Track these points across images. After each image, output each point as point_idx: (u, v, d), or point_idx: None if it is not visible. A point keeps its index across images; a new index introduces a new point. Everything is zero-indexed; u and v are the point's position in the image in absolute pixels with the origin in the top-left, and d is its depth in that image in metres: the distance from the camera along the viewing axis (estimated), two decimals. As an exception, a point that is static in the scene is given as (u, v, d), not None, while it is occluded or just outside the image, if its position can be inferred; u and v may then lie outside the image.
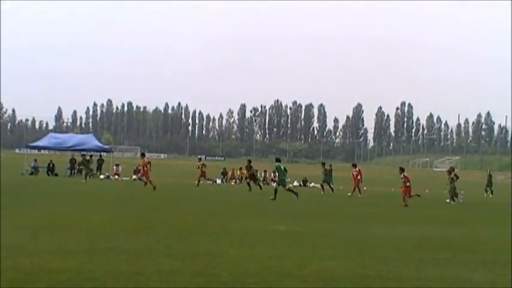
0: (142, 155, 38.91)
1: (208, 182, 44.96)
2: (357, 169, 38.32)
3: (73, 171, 53.60)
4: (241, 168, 58.81)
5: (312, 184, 52.01)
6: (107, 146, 64.92)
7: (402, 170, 31.13)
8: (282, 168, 30.37)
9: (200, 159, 47.94)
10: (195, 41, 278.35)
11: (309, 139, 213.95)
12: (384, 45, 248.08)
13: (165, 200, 26.72)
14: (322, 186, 40.06)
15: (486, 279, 9.53)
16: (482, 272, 10.15)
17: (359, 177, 37.66)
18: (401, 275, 9.58)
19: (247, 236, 13.93)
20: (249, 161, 42.08)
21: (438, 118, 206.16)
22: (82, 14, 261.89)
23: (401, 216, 22.52)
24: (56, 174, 53.55)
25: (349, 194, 36.34)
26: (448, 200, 32.30)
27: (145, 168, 34.79)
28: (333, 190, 38.69)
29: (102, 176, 51.93)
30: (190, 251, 11.10)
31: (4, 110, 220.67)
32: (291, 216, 20.39)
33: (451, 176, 33.33)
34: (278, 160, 31.85)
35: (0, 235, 11.88)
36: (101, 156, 55.41)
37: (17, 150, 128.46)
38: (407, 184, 29.45)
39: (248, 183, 39.00)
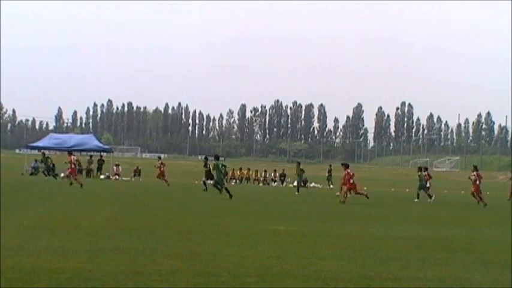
0: (70, 153, 38.59)
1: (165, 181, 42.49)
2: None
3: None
4: (241, 169, 58.88)
5: (313, 184, 51.99)
6: (107, 146, 64.91)
7: (346, 166, 31.05)
8: (221, 166, 30.29)
9: (160, 158, 47.15)
10: (196, 41, 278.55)
11: (309, 139, 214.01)
12: (384, 45, 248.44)
13: (165, 200, 26.70)
14: (298, 187, 39.22)
15: (486, 279, 9.53)
16: (482, 272, 10.15)
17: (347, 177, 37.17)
18: (401, 275, 9.58)
19: (247, 236, 13.94)
20: (206, 159, 39.82)
21: (438, 118, 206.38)
22: (82, 14, 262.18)
23: (401, 216, 22.50)
24: (57, 175, 53.48)
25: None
26: (416, 200, 31.96)
27: (73, 166, 35.53)
28: (298, 190, 37.98)
29: (102, 176, 51.98)
30: (190, 251, 11.11)
31: (4, 110, 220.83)
32: (291, 216, 20.37)
33: (423, 174, 33.22)
34: (217, 158, 31.02)
35: (0, 235, 11.88)
36: (101, 156, 55.44)
37: (17, 151, 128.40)
38: (351, 181, 29.58)
39: (204, 183, 36.37)
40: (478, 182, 31.39)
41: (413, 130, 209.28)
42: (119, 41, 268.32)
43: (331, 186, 49.73)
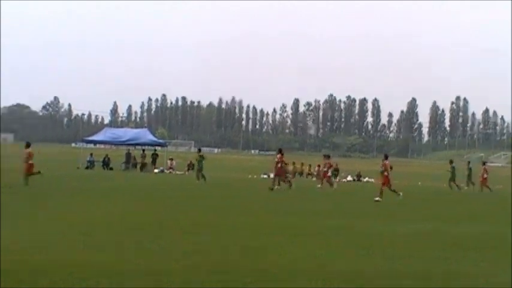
0: None
1: None
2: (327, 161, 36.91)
3: (128, 166, 54.02)
4: (294, 163, 58.52)
5: (366, 179, 51.93)
6: (161, 141, 65.05)
7: (280, 151, 32.71)
8: None
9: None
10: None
11: (363, 133, 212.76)
12: (439, 41, 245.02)
13: (214, 197, 25.34)
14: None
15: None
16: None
17: (325, 169, 36.36)
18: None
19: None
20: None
21: (494, 112, 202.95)
22: (128, 12, 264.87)
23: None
24: (111, 168, 53.97)
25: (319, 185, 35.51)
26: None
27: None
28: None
29: (156, 170, 52.31)
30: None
31: (61, 104, 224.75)
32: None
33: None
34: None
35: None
36: (155, 150, 55.56)
37: (73, 145, 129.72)
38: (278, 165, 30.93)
39: None
40: (386, 173, 26.64)
41: (469, 125, 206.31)
42: (173, 38, 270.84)
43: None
